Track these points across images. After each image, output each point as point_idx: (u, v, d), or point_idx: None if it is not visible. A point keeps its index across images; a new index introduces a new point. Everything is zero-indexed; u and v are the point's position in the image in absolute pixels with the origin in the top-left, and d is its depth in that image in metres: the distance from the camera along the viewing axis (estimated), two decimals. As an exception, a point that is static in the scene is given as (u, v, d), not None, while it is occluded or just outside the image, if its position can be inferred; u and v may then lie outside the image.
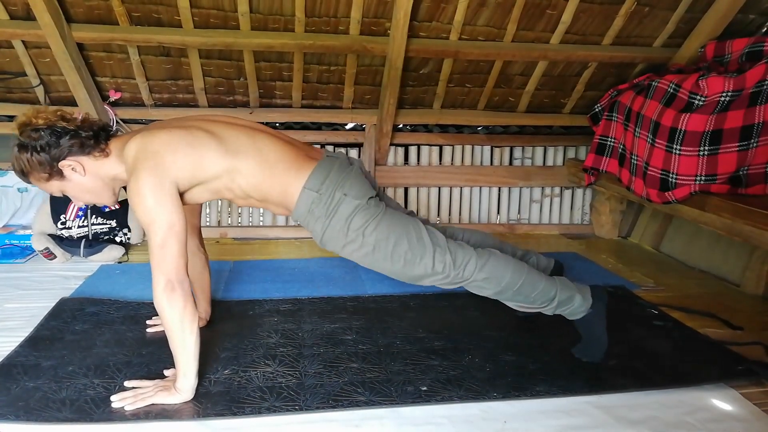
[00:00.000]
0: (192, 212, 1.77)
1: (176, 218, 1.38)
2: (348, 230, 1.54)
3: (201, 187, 1.50)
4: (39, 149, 1.41)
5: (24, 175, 1.48)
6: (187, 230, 1.73)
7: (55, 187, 1.50)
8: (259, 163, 1.50)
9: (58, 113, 1.46)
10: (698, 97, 2.16)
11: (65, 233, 2.57)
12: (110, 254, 2.53)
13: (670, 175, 2.29)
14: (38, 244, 2.46)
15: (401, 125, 3.17)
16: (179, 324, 1.37)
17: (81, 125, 1.47)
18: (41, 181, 1.48)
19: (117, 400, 1.40)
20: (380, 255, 1.56)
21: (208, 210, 3.11)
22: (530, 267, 1.67)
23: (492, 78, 2.91)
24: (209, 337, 1.78)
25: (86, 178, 1.49)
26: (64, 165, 1.45)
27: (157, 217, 1.37)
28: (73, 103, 2.73)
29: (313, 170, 1.53)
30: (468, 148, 3.24)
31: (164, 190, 1.39)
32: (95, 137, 1.47)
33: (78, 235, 2.57)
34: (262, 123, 1.72)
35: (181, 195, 1.47)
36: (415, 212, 2.11)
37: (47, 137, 1.42)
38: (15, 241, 2.62)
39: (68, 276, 2.35)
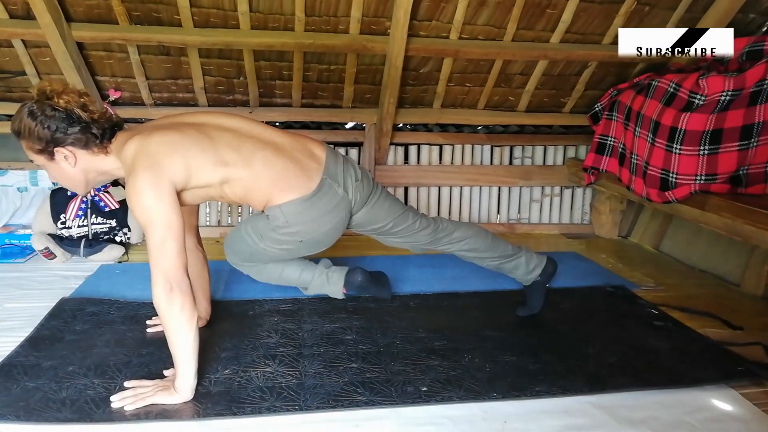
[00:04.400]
0: (190, 211, 1.78)
1: (174, 217, 1.39)
2: (280, 234, 1.68)
3: (192, 191, 1.53)
4: (46, 126, 1.41)
5: (18, 135, 1.46)
6: (185, 229, 1.75)
7: (40, 161, 1.49)
8: (254, 176, 1.56)
9: (82, 100, 1.44)
10: (698, 97, 2.16)
11: (65, 233, 2.56)
12: (110, 254, 2.53)
13: (670, 175, 2.29)
14: (38, 243, 2.46)
15: (401, 124, 3.17)
16: (178, 323, 1.38)
17: (96, 119, 1.46)
18: (30, 150, 1.48)
19: (117, 400, 1.40)
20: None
21: (207, 210, 3.11)
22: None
23: (492, 77, 2.91)
24: (209, 336, 1.78)
25: (74, 169, 1.49)
26: (60, 151, 1.45)
27: (155, 216, 1.37)
28: (72, 102, 2.73)
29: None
30: (468, 147, 3.24)
31: (162, 189, 1.39)
32: (101, 135, 1.47)
33: (78, 235, 2.57)
34: (263, 122, 1.72)
35: (178, 195, 1.47)
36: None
37: (59, 121, 1.41)
38: (15, 241, 2.61)
39: (68, 276, 2.35)
